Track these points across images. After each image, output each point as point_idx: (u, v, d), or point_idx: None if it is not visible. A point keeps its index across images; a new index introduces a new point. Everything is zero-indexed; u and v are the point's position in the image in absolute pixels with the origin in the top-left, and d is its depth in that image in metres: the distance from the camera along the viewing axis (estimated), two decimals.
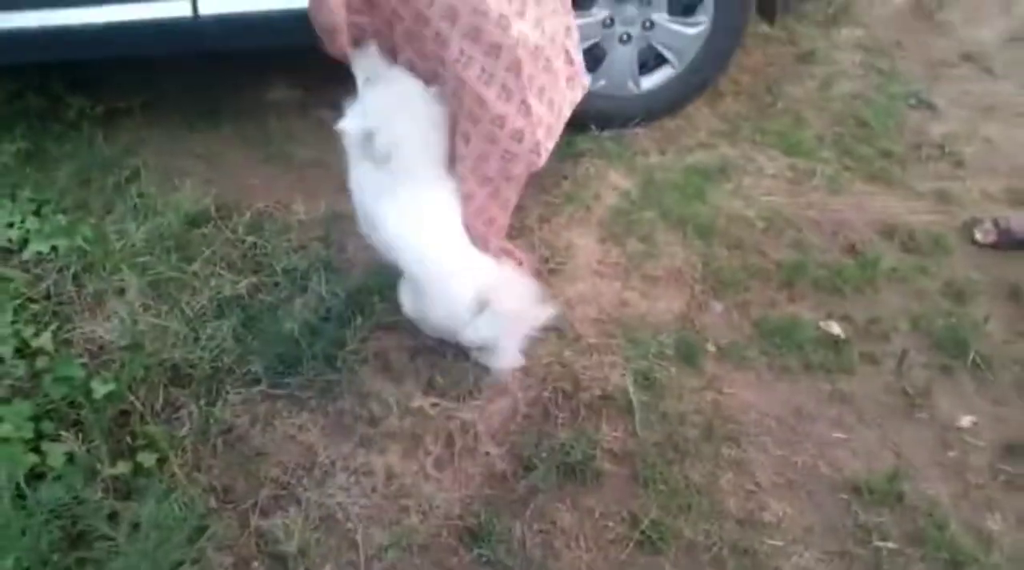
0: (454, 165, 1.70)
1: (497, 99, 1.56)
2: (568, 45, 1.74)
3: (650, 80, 2.48)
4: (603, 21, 2.34)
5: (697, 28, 2.39)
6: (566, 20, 1.72)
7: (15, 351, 1.76)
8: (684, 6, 2.37)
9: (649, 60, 2.46)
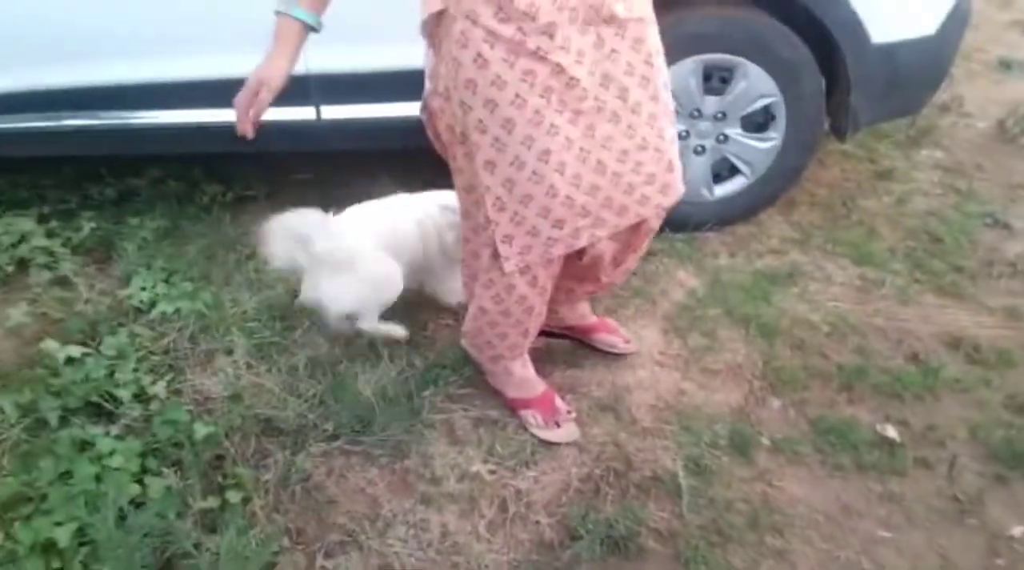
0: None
1: (545, 195, 1.64)
2: (663, 152, 1.73)
3: (723, 188, 2.65)
4: (679, 134, 2.53)
5: (769, 143, 2.55)
6: (659, 129, 1.71)
7: (133, 396, 2.01)
8: (757, 123, 2.55)
9: (723, 170, 2.63)
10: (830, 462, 1.96)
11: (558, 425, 1.99)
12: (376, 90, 2.50)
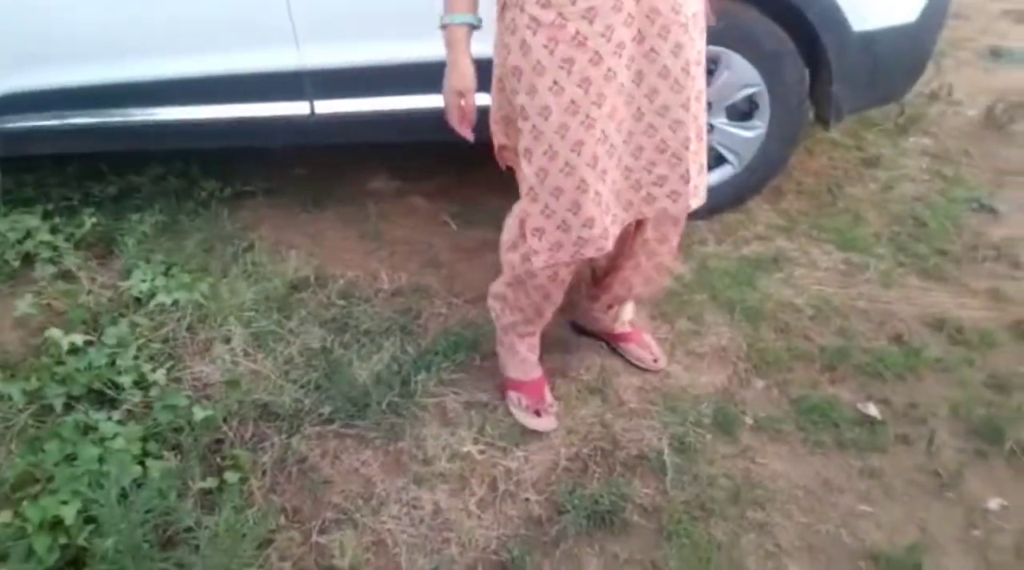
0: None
1: (575, 190, 1.66)
2: (682, 160, 1.74)
3: (711, 177, 2.68)
4: None
5: (754, 132, 2.60)
6: (683, 137, 1.72)
7: (134, 383, 2.07)
8: (742, 113, 2.60)
9: (710, 159, 2.68)
10: (811, 439, 2.02)
11: (539, 414, 2.02)
12: (370, 84, 2.55)
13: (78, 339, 2.16)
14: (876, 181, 2.98)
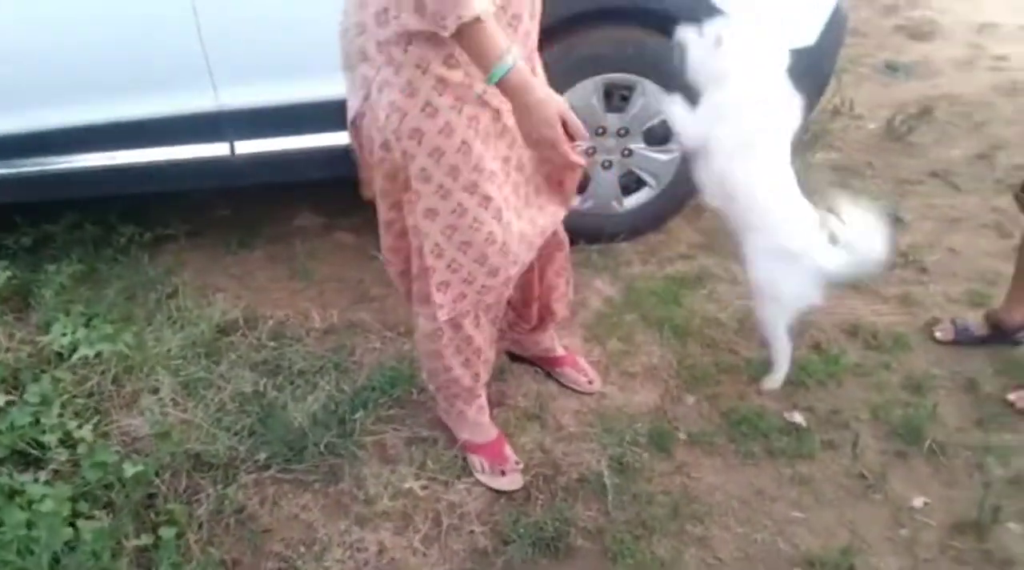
0: None
1: (483, 242, 1.68)
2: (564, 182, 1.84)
3: (632, 200, 2.77)
4: (586, 151, 2.65)
5: (671, 155, 2.68)
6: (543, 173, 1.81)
7: (59, 441, 2.00)
8: (659, 137, 2.68)
9: (631, 183, 2.76)
10: (743, 450, 2.08)
11: (503, 474, 1.99)
12: (290, 123, 2.54)
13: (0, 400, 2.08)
14: None
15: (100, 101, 2.45)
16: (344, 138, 2.44)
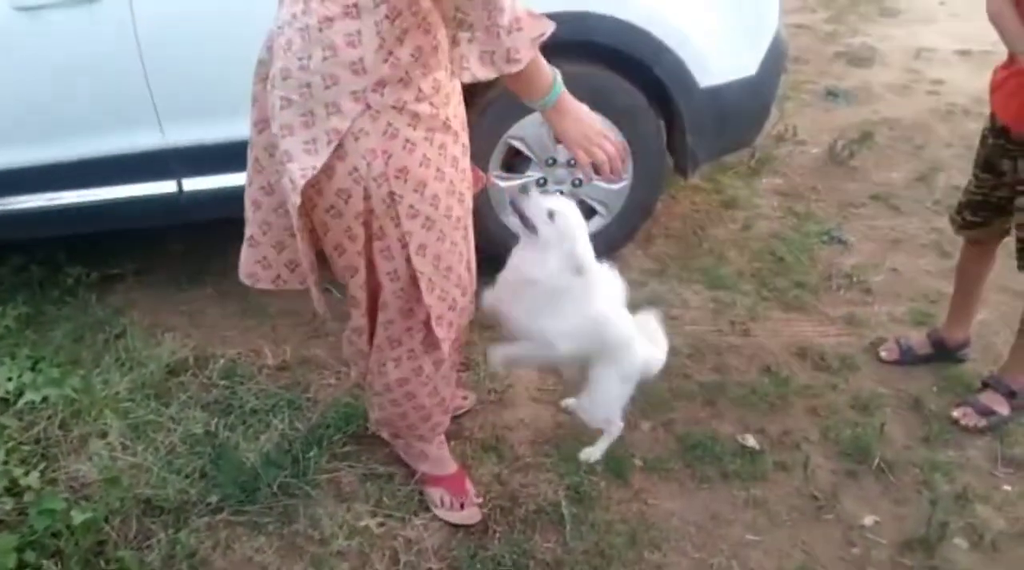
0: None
1: (459, 263, 1.73)
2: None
3: None
4: (537, 181, 2.68)
5: (620, 184, 2.73)
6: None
7: (5, 489, 1.95)
8: None
9: (582, 212, 2.78)
10: (698, 475, 2.10)
11: (462, 506, 1.98)
12: (238, 159, 2.52)
13: None
14: (735, 221, 3.16)
15: (45, 141, 2.42)
16: None
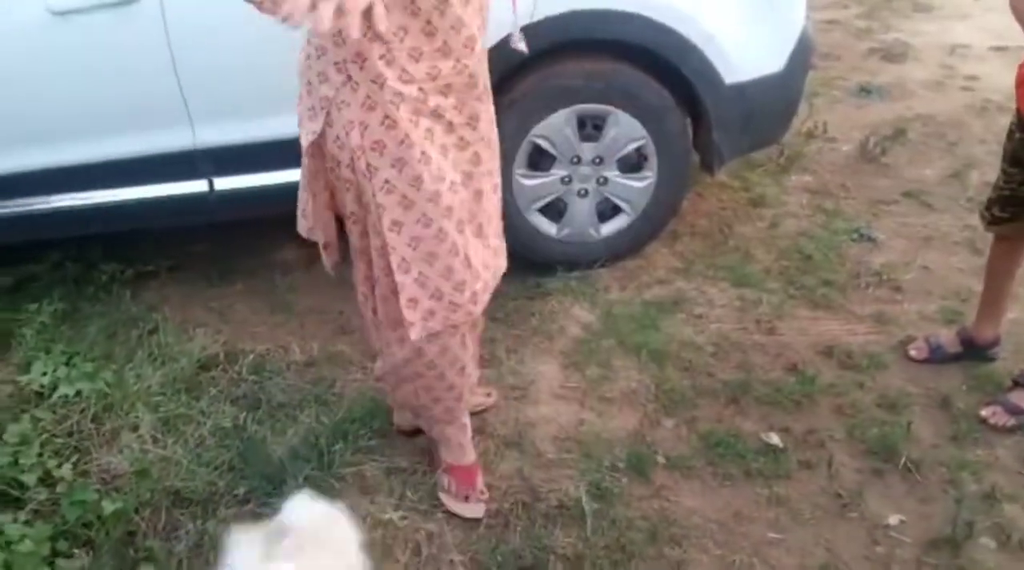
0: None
1: (448, 253, 1.71)
2: (499, 223, 1.90)
3: (608, 227, 2.81)
4: (562, 179, 2.69)
5: (645, 182, 2.73)
6: (499, 197, 1.87)
7: (39, 480, 2.01)
8: (632, 164, 2.72)
9: (607, 210, 2.80)
10: (720, 473, 2.10)
11: (467, 499, 1.99)
12: (267, 159, 2.57)
13: None
14: (763, 219, 3.14)
15: (80, 142, 2.48)
16: None
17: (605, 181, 2.72)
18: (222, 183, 2.60)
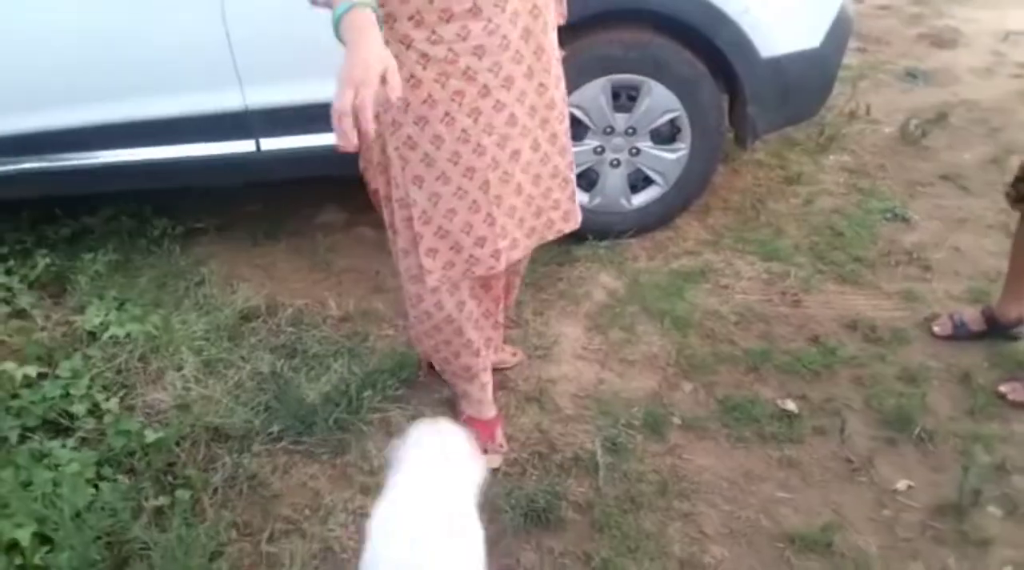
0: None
1: (468, 210, 1.77)
2: (569, 182, 1.91)
3: (640, 198, 2.86)
4: (594, 149, 2.75)
5: (678, 153, 2.77)
6: (569, 161, 1.89)
7: (88, 411, 2.15)
8: (665, 136, 2.76)
9: (639, 181, 2.85)
10: (734, 435, 2.15)
11: (485, 451, 2.03)
12: (314, 120, 2.66)
13: (32, 372, 2.24)
14: (797, 196, 3.16)
15: (134, 100, 2.60)
16: None
17: (638, 152, 2.77)
18: (268, 143, 2.70)
